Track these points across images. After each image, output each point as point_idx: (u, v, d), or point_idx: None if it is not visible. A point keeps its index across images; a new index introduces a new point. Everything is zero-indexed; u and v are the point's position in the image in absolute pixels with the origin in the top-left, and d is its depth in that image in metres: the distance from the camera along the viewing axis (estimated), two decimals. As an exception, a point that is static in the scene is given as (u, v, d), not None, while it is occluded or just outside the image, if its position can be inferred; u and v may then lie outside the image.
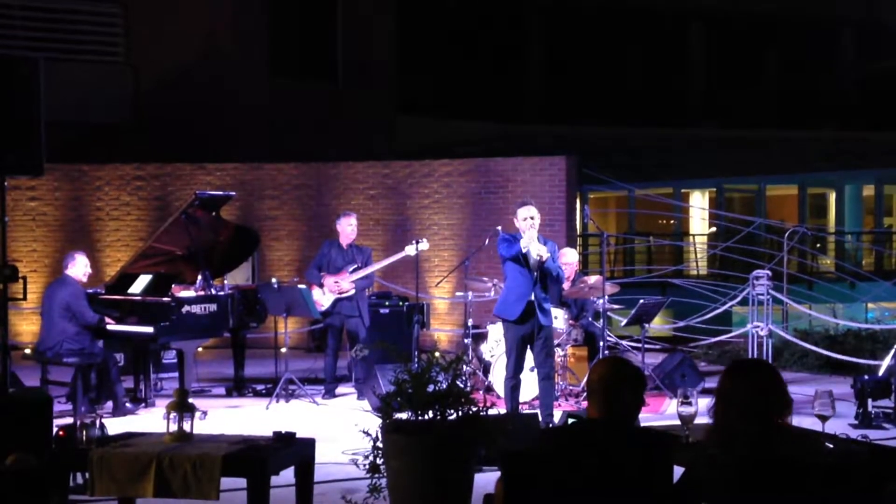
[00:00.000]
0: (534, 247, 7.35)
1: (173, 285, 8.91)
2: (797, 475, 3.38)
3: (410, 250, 9.53)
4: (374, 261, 9.77)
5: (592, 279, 9.49)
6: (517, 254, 7.41)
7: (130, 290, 8.89)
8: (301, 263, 12.98)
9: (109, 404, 8.55)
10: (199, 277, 9.07)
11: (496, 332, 9.15)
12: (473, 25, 27.65)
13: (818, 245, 23.64)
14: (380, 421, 5.46)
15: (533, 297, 7.41)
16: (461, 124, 24.15)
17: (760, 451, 3.41)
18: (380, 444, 5.33)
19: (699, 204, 25.38)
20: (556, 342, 8.32)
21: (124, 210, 13.56)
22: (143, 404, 8.93)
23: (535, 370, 7.82)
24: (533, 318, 7.44)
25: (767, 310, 10.49)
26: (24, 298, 6.44)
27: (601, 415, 3.62)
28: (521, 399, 7.92)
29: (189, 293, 8.97)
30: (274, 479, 4.74)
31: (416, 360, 8.40)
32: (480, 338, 9.51)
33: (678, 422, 4.59)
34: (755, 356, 10.45)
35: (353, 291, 9.47)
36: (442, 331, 12.74)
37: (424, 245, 9.58)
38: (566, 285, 9.37)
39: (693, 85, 30.28)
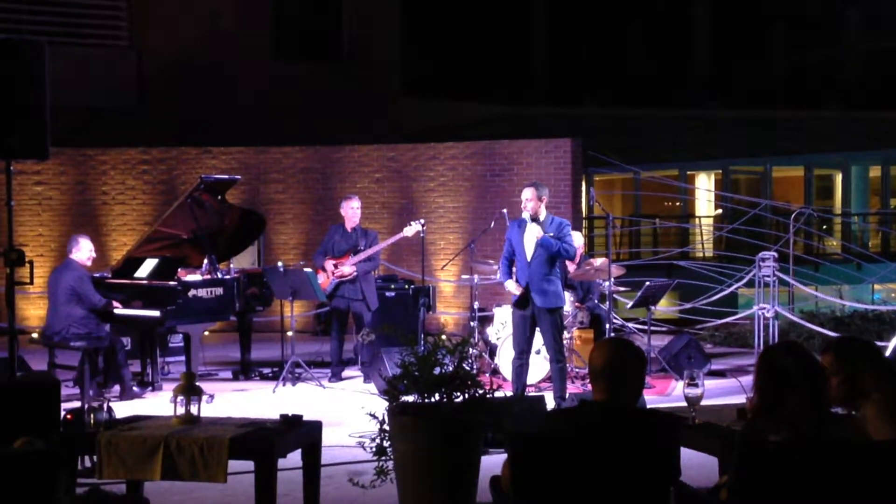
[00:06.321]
0: (528, 229, 7.53)
1: (179, 269, 8.92)
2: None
3: (408, 231, 9.52)
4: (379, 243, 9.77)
5: (598, 261, 9.48)
6: (509, 242, 7.68)
7: (137, 275, 8.90)
8: (307, 247, 12.97)
9: (117, 388, 8.57)
10: (205, 261, 9.08)
11: (502, 314, 9.16)
12: (478, 7, 27.54)
13: (824, 226, 23.61)
14: (386, 404, 5.47)
15: (528, 282, 7.54)
16: (466, 107, 24.07)
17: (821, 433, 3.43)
18: (386, 427, 5.34)
19: (705, 186, 25.31)
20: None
21: (130, 194, 13.55)
22: (151, 388, 8.94)
23: (543, 353, 7.90)
24: (531, 302, 7.56)
25: (774, 291, 10.47)
26: (31, 283, 6.45)
27: (606, 398, 3.63)
28: (529, 381, 7.96)
29: (195, 277, 8.96)
30: (281, 462, 4.76)
31: (422, 342, 8.40)
32: (486, 320, 9.51)
33: (685, 403, 4.60)
34: (761, 338, 10.45)
35: (354, 275, 9.47)
36: (448, 313, 12.75)
37: (418, 227, 9.51)
38: (571, 268, 9.36)
39: (698, 66, 30.16)
